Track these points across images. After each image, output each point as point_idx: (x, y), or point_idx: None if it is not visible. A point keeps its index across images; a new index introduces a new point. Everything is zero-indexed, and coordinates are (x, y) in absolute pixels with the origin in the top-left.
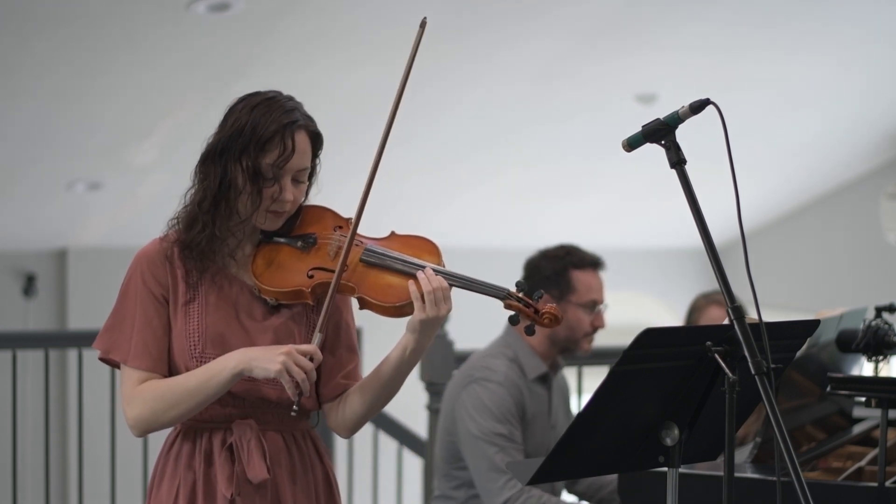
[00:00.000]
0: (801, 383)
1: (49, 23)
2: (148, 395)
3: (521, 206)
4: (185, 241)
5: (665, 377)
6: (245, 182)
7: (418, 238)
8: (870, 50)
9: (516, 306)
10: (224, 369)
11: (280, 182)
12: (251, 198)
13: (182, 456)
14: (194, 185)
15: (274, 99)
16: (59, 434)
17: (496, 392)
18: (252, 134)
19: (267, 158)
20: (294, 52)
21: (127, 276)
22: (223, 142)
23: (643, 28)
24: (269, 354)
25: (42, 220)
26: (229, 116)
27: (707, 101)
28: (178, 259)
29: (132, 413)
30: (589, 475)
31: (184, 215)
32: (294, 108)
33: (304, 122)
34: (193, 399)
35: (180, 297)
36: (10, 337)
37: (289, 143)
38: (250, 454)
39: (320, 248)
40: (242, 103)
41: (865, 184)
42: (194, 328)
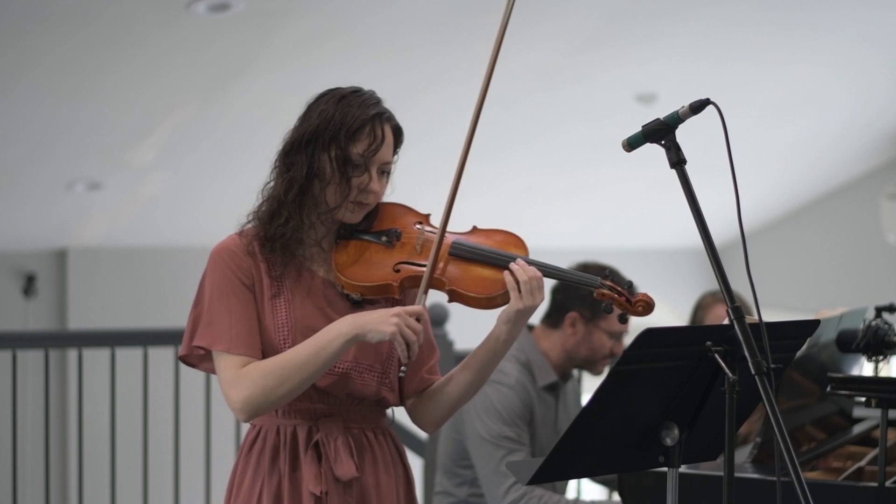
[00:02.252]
0: (801, 383)
1: (48, 23)
2: (255, 374)
3: (521, 207)
4: (267, 234)
5: (665, 377)
6: (333, 171)
7: (502, 232)
8: (869, 49)
9: (609, 295)
10: (336, 337)
11: (369, 171)
12: (339, 187)
13: (265, 454)
14: (274, 178)
15: (359, 92)
16: (59, 434)
17: (506, 395)
18: (342, 123)
19: (357, 147)
20: (294, 52)
21: (209, 271)
22: (310, 132)
23: (643, 28)
24: (381, 317)
25: (42, 220)
26: (313, 109)
27: (707, 101)
28: (259, 254)
29: (240, 395)
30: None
31: (265, 208)
32: (379, 101)
33: (389, 115)
34: (305, 371)
35: (266, 291)
36: (10, 337)
37: (378, 132)
38: (338, 452)
39: (405, 243)
40: (327, 96)
41: (865, 184)
42: (283, 322)
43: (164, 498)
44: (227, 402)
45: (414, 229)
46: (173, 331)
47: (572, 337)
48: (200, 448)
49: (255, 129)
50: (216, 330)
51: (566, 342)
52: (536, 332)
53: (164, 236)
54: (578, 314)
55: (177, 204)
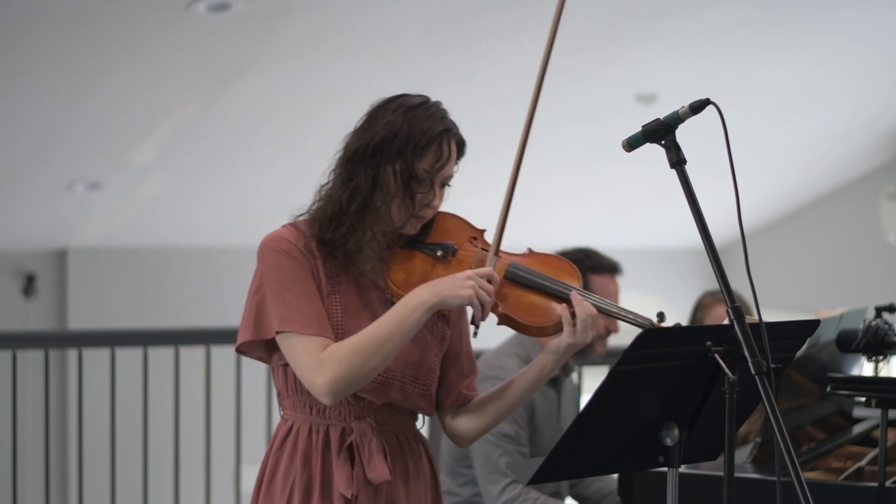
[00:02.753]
0: (801, 383)
1: (48, 23)
2: (339, 354)
3: (521, 206)
4: (326, 239)
5: (665, 377)
6: (397, 186)
7: (557, 258)
8: (869, 49)
9: None
10: (417, 307)
11: (433, 187)
12: (403, 203)
13: (298, 452)
14: (333, 181)
15: (427, 104)
16: (59, 434)
17: None
18: (409, 137)
19: (423, 163)
20: (294, 52)
21: (267, 260)
22: (376, 142)
23: (643, 28)
24: (457, 282)
25: (42, 220)
26: (379, 117)
27: (707, 101)
28: (316, 251)
29: (326, 377)
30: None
31: (323, 212)
32: (445, 115)
33: (455, 130)
34: (389, 345)
35: (324, 287)
36: (10, 337)
37: (445, 149)
38: (371, 454)
39: (461, 260)
40: (394, 105)
41: (865, 184)
42: (336, 324)
43: (164, 498)
44: (309, 386)
45: (470, 246)
46: (173, 331)
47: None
48: (200, 448)
49: (255, 129)
50: (291, 312)
51: None
52: None
53: (164, 236)
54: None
55: (177, 204)
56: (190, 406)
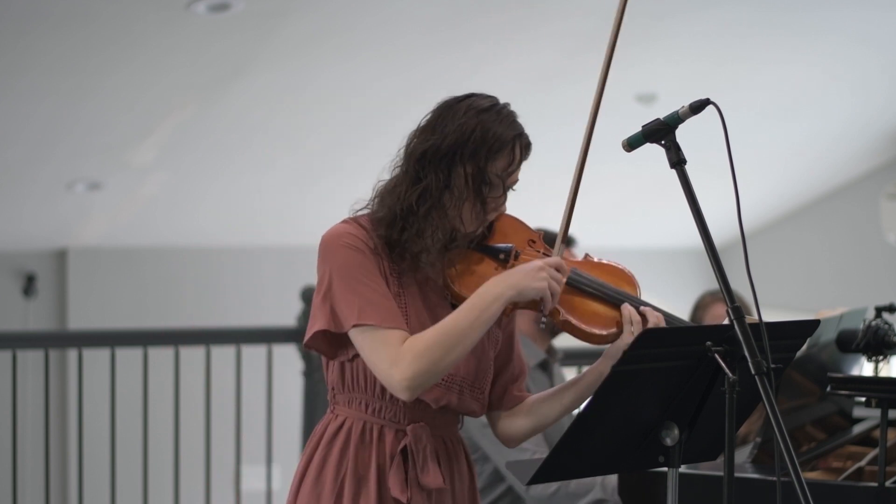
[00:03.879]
0: (801, 383)
1: (48, 23)
2: (419, 348)
3: (521, 206)
4: (392, 239)
5: (665, 377)
6: (468, 189)
7: (615, 266)
8: (869, 49)
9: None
10: (494, 300)
11: (504, 191)
12: (473, 206)
13: (349, 450)
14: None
15: (498, 105)
16: (59, 434)
17: None
18: (482, 140)
19: (495, 167)
20: (294, 52)
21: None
22: (448, 144)
23: (643, 28)
24: (530, 273)
25: (42, 220)
26: (450, 118)
27: (707, 101)
28: (381, 249)
29: (406, 372)
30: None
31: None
32: (516, 118)
33: (525, 135)
34: (468, 338)
35: (391, 286)
36: (10, 337)
37: (517, 153)
38: (426, 460)
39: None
40: (464, 105)
41: (865, 184)
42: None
43: (164, 498)
44: (386, 381)
45: (530, 250)
46: (173, 331)
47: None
48: (200, 448)
49: (255, 129)
50: (365, 307)
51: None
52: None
53: (164, 236)
54: None
55: (177, 204)
56: (190, 406)
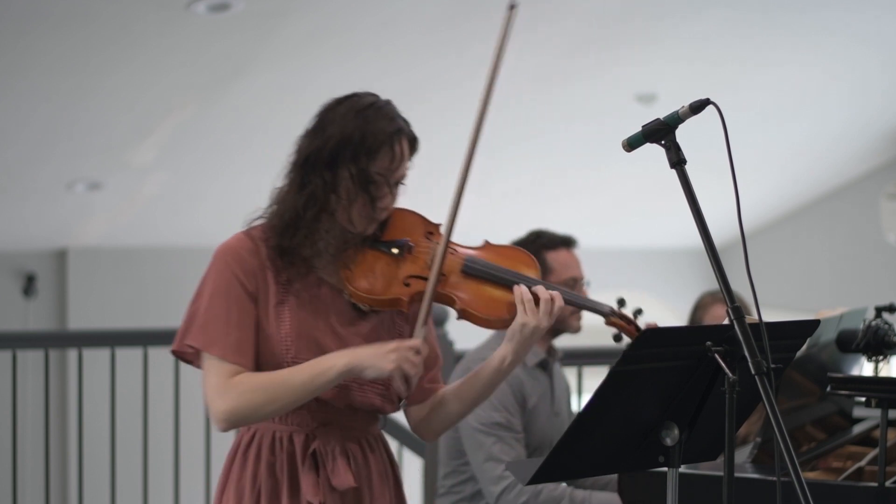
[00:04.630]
0: (801, 383)
1: (48, 23)
2: (245, 387)
3: (522, 206)
4: (283, 247)
5: (665, 377)
6: (355, 190)
7: (514, 249)
8: (869, 49)
9: (619, 324)
10: (332, 367)
11: (389, 188)
12: (361, 206)
13: (262, 460)
14: (289, 185)
15: (376, 105)
16: (59, 434)
17: None
18: (361, 141)
19: (376, 166)
20: (294, 52)
21: (213, 270)
22: (330, 148)
23: (643, 28)
24: (381, 353)
25: (42, 220)
26: (329, 122)
27: (707, 101)
28: (267, 258)
29: (225, 406)
30: (589, 475)
31: (280, 217)
32: (396, 115)
33: (406, 129)
34: (296, 395)
35: (271, 298)
36: (10, 337)
37: (397, 150)
38: (335, 462)
39: (417, 257)
40: (343, 107)
41: (865, 184)
42: (287, 332)
43: (164, 498)
44: (208, 409)
45: (426, 242)
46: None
47: None
48: (200, 448)
49: (255, 129)
50: (211, 333)
51: None
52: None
53: (164, 236)
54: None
55: (177, 204)
56: (190, 406)
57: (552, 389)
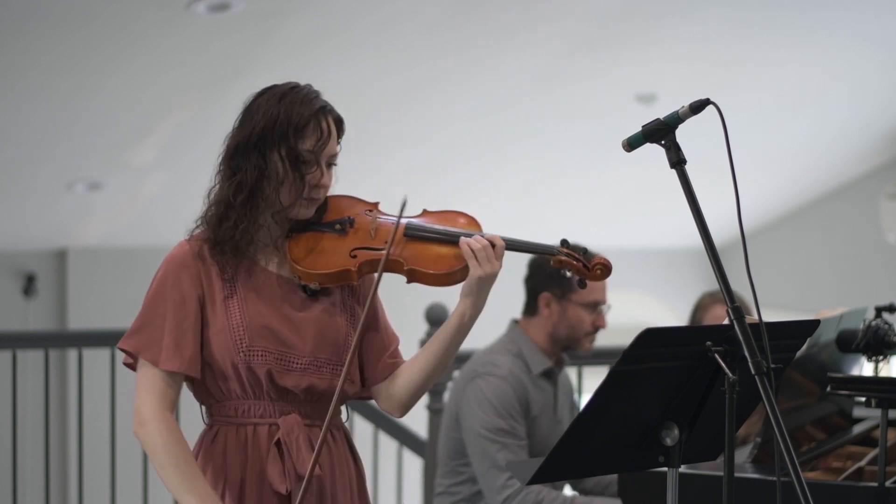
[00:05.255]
0: (801, 383)
1: (48, 23)
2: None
3: (523, 207)
4: (217, 237)
5: (665, 377)
6: (286, 170)
7: (452, 211)
8: (869, 49)
9: (567, 262)
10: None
11: (320, 166)
12: (294, 185)
13: (227, 451)
14: (219, 182)
15: (297, 88)
16: (59, 434)
17: (499, 386)
18: (287, 121)
19: (305, 144)
20: (294, 52)
21: (156, 279)
22: (257, 133)
23: (643, 28)
24: None
25: (42, 220)
26: (255, 110)
27: (707, 101)
28: (210, 257)
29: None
30: (589, 475)
31: (213, 213)
32: (318, 95)
33: (331, 108)
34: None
35: (217, 294)
36: (10, 337)
37: (324, 126)
38: (299, 449)
39: (359, 229)
40: (265, 96)
41: (865, 184)
42: (237, 323)
43: (164, 498)
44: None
45: (365, 217)
46: None
47: (549, 318)
48: None
49: None
50: (145, 337)
51: (546, 325)
52: (522, 324)
53: (164, 236)
54: (550, 293)
55: (177, 204)
56: (189, 406)
57: (555, 398)
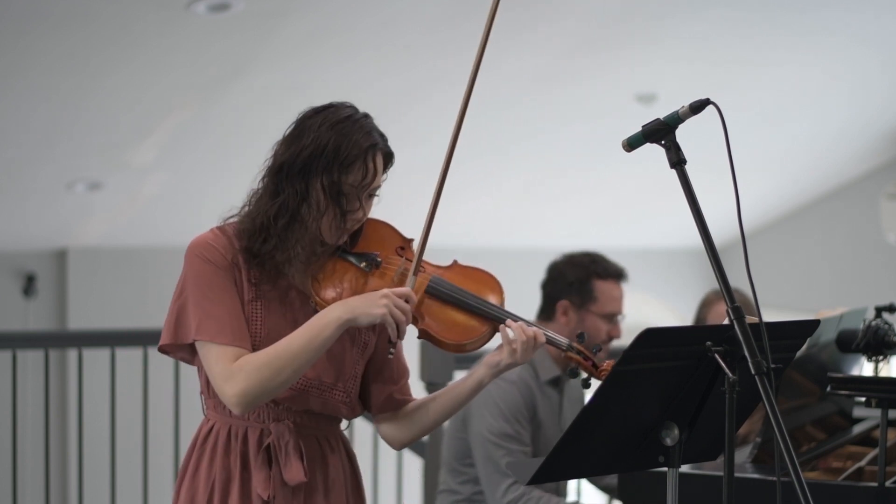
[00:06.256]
0: (801, 383)
1: (48, 23)
2: (250, 367)
3: (523, 207)
4: (252, 250)
5: (665, 377)
6: (327, 202)
7: (481, 272)
8: (869, 49)
9: (576, 359)
10: (329, 323)
11: (360, 201)
12: (333, 219)
13: (218, 452)
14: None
15: (353, 118)
16: (59, 434)
17: (507, 390)
18: (335, 154)
19: (350, 179)
20: (294, 52)
21: (192, 264)
22: (304, 158)
23: (644, 28)
24: (371, 300)
25: (42, 220)
26: (306, 132)
27: (707, 101)
28: (240, 258)
29: (236, 388)
30: (589, 475)
31: (251, 223)
32: (372, 129)
33: (382, 144)
34: (300, 360)
35: (245, 294)
36: (10, 337)
37: (371, 165)
38: (288, 456)
39: (384, 273)
40: (319, 117)
41: (865, 184)
42: (257, 330)
43: (163, 498)
44: (220, 395)
45: (395, 257)
46: None
47: (566, 326)
48: None
49: (255, 129)
50: (208, 322)
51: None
52: None
53: (164, 236)
54: (569, 302)
55: (177, 204)
56: (190, 405)
57: (560, 406)
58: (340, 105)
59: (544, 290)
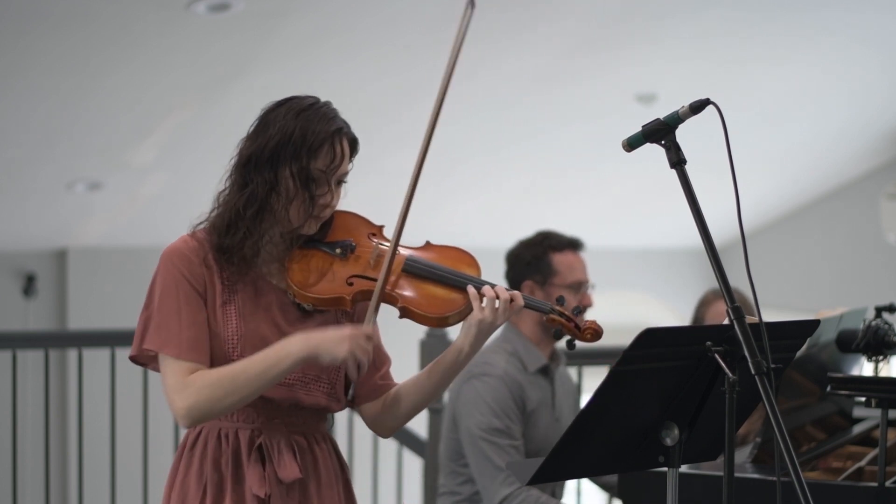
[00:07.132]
0: (801, 383)
1: (48, 23)
2: (203, 383)
3: (523, 207)
4: (223, 246)
5: (665, 377)
6: (296, 188)
7: (455, 249)
8: (869, 49)
9: (558, 321)
10: (287, 356)
11: (329, 186)
12: (302, 204)
13: (208, 455)
14: (230, 187)
15: (316, 105)
16: (59, 434)
17: (493, 386)
18: (302, 140)
19: (318, 164)
20: (294, 52)
21: (160, 272)
22: (270, 147)
23: (644, 28)
24: (334, 338)
25: (42, 220)
26: (271, 122)
27: (707, 101)
28: (212, 259)
29: (185, 402)
30: (589, 475)
31: (221, 217)
32: (336, 115)
33: (346, 129)
34: (252, 386)
35: (217, 297)
36: (10, 337)
37: (338, 148)
38: (281, 454)
39: (360, 256)
40: (283, 108)
41: (865, 184)
42: (233, 331)
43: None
44: (170, 407)
45: (368, 242)
46: None
47: None
48: None
49: None
50: (165, 333)
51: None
52: (513, 320)
53: (164, 236)
54: (532, 281)
55: (177, 204)
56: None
57: (553, 395)
58: (302, 96)
59: (507, 278)
